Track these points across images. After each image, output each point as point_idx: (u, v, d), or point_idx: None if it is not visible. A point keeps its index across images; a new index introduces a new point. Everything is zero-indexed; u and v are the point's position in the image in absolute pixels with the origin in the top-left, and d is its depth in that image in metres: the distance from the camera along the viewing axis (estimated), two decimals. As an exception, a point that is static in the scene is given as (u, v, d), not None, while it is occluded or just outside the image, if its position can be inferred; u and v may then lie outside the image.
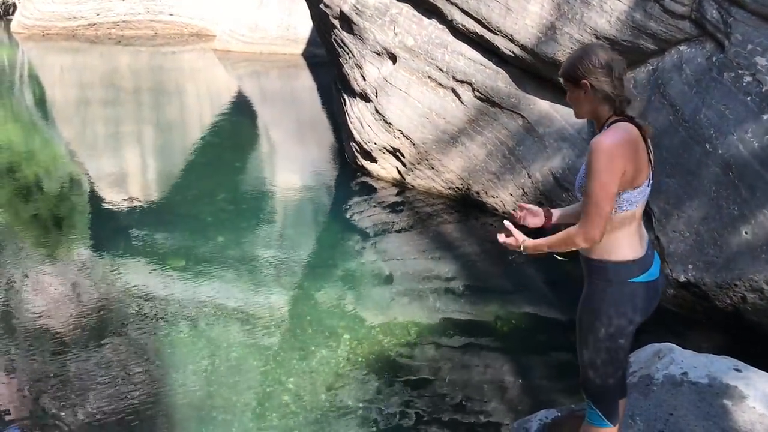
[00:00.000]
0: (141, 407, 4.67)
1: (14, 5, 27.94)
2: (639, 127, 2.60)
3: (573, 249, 2.67)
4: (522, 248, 2.81)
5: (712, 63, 5.86)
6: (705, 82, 5.84)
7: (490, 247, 7.59)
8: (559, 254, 2.81)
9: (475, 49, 8.05)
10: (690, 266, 5.50)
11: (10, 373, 5.09)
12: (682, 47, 6.18)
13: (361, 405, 4.67)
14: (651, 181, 2.68)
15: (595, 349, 2.72)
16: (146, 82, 18.57)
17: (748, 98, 5.50)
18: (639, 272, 2.64)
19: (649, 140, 2.66)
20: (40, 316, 5.95)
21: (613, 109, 2.61)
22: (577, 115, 2.73)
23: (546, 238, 2.74)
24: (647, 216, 5.62)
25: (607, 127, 2.61)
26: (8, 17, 29.06)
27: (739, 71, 5.62)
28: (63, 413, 4.62)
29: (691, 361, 3.68)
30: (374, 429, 4.43)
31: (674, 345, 3.87)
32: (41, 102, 16.56)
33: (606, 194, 2.49)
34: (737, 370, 3.59)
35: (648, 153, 2.64)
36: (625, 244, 2.63)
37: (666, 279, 5.20)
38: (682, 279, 5.51)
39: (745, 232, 5.21)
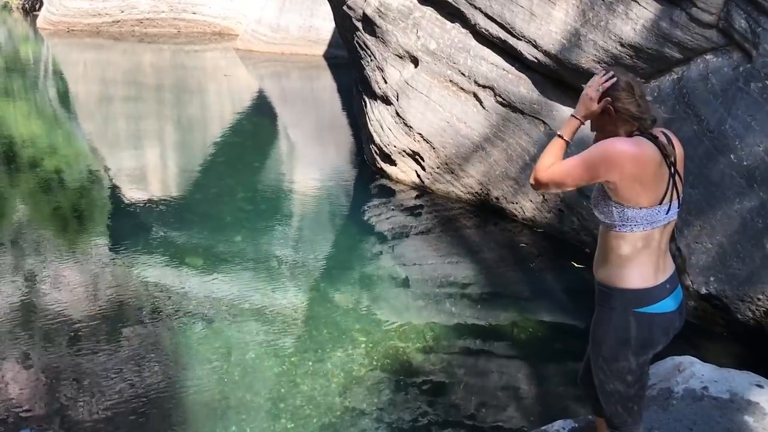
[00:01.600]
0: (155, 404, 4.69)
1: (41, 1, 28.23)
2: (661, 149, 2.49)
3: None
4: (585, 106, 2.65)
5: (738, 73, 5.79)
6: (731, 92, 5.77)
7: (509, 253, 7.55)
8: (577, 261, 2.75)
9: (498, 54, 8.01)
10: (712, 278, 5.43)
11: (27, 365, 5.13)
12: (708, 56, 6.11)
13: (375, 409, 4.65)
14: (673, 208, 2.54)
15: (603, 378, 2.67)
16: (168, 80, 18.69)
17: (775, 110, 5.42)
18: (646, 302, 2.52)
19: (677, 162, 2.54)
20: (57, 311, 6.00)
21: (637, 129, 2.53)
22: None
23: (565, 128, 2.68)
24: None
25: None
26: (35, 13, 29.41)
27: (767, 82, 5.54)
28: (78, 407, 4.65)
29: (711, 376, 3.63)
30: (388, 434, 4.42)
31: (694, 358, 3.82)
32: (64, 97, 16.73)
33: (575, 171, 2.52)
34: (759, 386, 3.53)
35: (671, 177, 2.51)
36: (633, 271, 2.52)
37: (687, 291, 5.12)
38: (703, 291, 5.44)
39: (769, 246, 5.13)
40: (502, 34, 7.73)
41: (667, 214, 2.53)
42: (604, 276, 2.60)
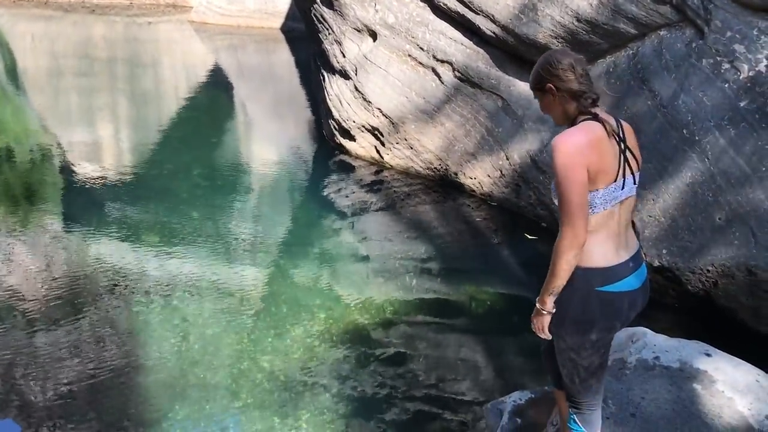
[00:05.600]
0: (113, 383, 4.63)
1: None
2: (604, 125, 2.51)
3: (570, 264, 2.49)
4: (549, 311, 2.63)
5: (691, 49, 5.88)
6: (684, 68, 5.87)
7: (467, 227, 7.62)
8: (531, 233, 2.72)
9: (456, 29, 8.00)
10: (664, 251, 5.56)
11: (-21, 348, 5.02)
12: (662, 32, 6.19)
13: (335, 383, 4.68)
14: (628, 183, 2.56)
15: (564, 355, 2.70)
16: (121, 53, 18.23)
17: (726, 85, 5.53)
18: (609, 281, 2.54)
19: (627, 139, 2.57)
20: (9, 291, 5.86)
21: (579, 107, 2.55)
22: (556, 122, 2.68)
23: (545, 282, 2.58)
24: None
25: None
26: (-22, -18, 28.27)
27: (718, 58, 5.64)
28: (33, 389, 4.57)
29: (663, 346, 3.72)
30: (348, 407, 4.45)
31: (647, 329, 3.91)
32: (12, 71, 16.18)
33: (574, 193, 2.42)
34: (707, 354, 3.64)
35: (622, 153, 2.54)
36: (595, 250, 2.53)
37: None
38: (656, 263, 5.57)
39: (719, 218, 5.27)
40: (460, 8, 7.71)
41: (622, 190, 2.55)
42: None
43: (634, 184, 2.61)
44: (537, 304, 2.66)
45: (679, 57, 5.95)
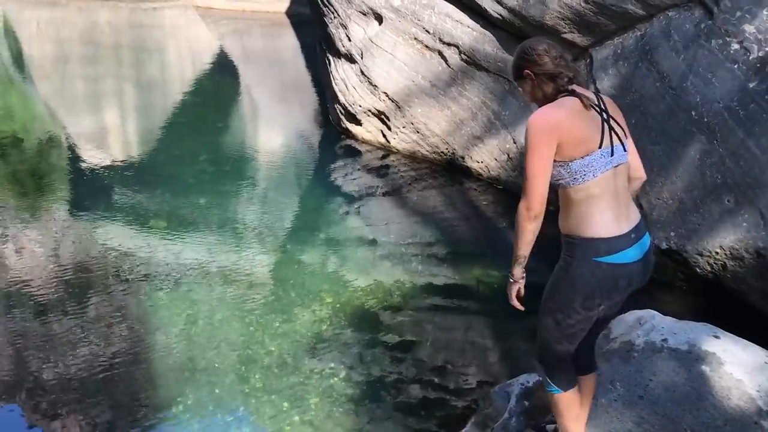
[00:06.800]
0: (123, 368, 4.66)
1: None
2: (581, 98, 2.58)
3: (528, 234, 2.63)
4: (517, 280, 2.86)
5: (700, 30, 5.82)
6: (693, 48, 5.81)
7: (474, 211, 7.60)
8: None
9: (463, 11, 7.94)
10: (672, 233, 5.54)
11: (-10, 333, 5.06)
12: (670, 13, 6.12)
13: (343, 367, 4.70)
14: (617, 151, 2.59)
15: (546, 318, 2.76)
16: (126, 39, 18.19)
17: (735, 66, 5.47)
18: (608, 252, 2.56)
19: (608, 110, 2.62)
20: (19, 277, 5.89)
21: (557, 87, 2.62)
22: (539, 106, 2.72)
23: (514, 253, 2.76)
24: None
25: None
26: (-17, -31, 28.21)
27: (727, 38, 5.58)
28: (44, 373, 4.61)
29: (671, 328, 3.71)
30: (357, 391, 4.47)
31: (655, 312, 3.91)
32: (18, 58, 16.19)
33: (535, 168, 2.52)
34: (716, 336, 3.63)
35: (605, 122, 2.58)
36: (592, 220, 2.56)
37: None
38: (664, 246, 5.55)
39: (728, 200, 5.24)
40: (467, -9, 7.65)
41: (612, 156, 2.57)
42: (566, 228, 2.65)
43: (625, 151, 2.64)
44: (511, 278, 2.85)
45: (687, 38, 5.89)
